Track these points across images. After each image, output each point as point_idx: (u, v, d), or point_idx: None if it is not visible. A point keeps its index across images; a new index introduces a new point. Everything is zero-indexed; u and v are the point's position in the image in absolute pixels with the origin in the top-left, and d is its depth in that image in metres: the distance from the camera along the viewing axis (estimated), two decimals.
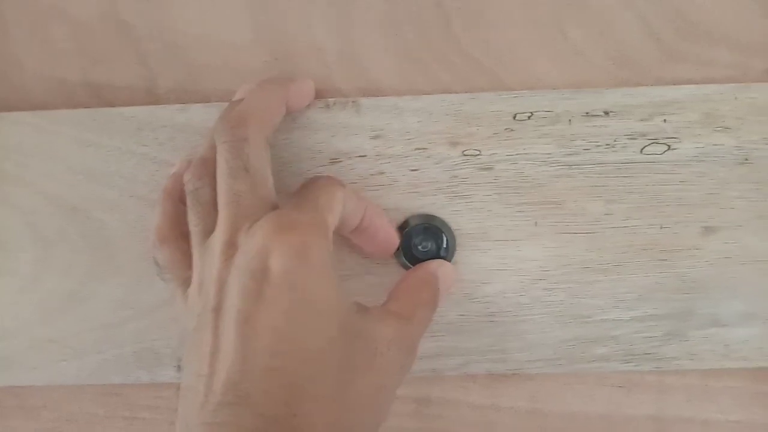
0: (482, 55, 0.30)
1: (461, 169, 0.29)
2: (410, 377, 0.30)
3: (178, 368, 0.24)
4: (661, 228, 0.29)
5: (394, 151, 0.29)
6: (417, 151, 0.29)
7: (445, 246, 0.29)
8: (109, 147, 0.30)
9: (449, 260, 0.29)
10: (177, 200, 0.28)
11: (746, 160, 0.29)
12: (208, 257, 0.24)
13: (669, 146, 0.29)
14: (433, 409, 0.31)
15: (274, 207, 0.25)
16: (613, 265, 0.29)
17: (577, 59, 0.30)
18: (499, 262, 0.30)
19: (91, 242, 0.30)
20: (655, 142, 0.29)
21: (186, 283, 0.26)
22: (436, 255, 0.29)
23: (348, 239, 0.29)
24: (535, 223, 0.29)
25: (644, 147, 0.29)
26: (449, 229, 0.29)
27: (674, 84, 0.29)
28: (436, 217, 0.29)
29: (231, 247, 0.24)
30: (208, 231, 0.25)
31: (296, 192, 0.26)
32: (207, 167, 0.26)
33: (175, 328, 0.30)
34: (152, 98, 0.31)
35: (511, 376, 0.31)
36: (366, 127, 0.29)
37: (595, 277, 0.29)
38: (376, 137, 0.29)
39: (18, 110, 0.31)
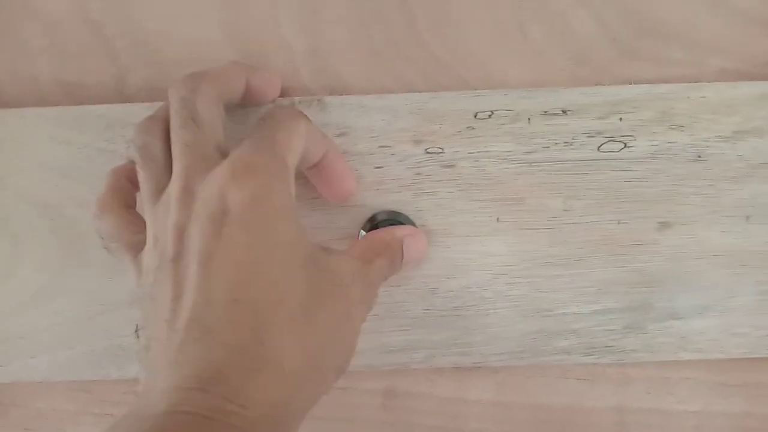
0: (445, 54, 0.32)
1: (425, 166, 0.31)
2: (377, 370, 0.33)
3: (137, 333, 0.25)
4: (619, 223, 0.31)
5: (359, 149, 0.31)
6: (381, 149, 0.31)
7: None
8: (80, 144, 0.32)
9: None
10: (123, 177, 0.29)
11: (699, 157, 0.31)
12: (161, 211, 0.25)
13: (625, 144, 0.31)
14: (400, 401, 0.33)
15: (227, 155, 0.25)
16: (573, 259, 0.32)
17: (537, 58, 0.32)
18: (463, 257, 0.32)
19: (61, 238, 0.32)
20: (612, 140, 0.31)
21: (135, 247, 0.27)
22: None
23: (305, 176, 0.30)
24: (498, 219, 0.32)
25: (601, 145, 0.31)
26: (414, 225, 0.32)
27: (632, 82, 0.32)
28: (401, 213, 0.32)
29: (187, 195, 0.24)
30: (160, 188, 0.26)
31: (255, 126, 0.26)
32: (155, 123, 0.27)
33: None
34: (122, 96, 0.33)
35: (476, 368, 0.33)
36: (331, 125, 0.31)
37: (555, 271, 0.32)
38: (341, 135, 0.31)
39: None
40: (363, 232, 0.31)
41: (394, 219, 0.31)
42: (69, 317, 0.32)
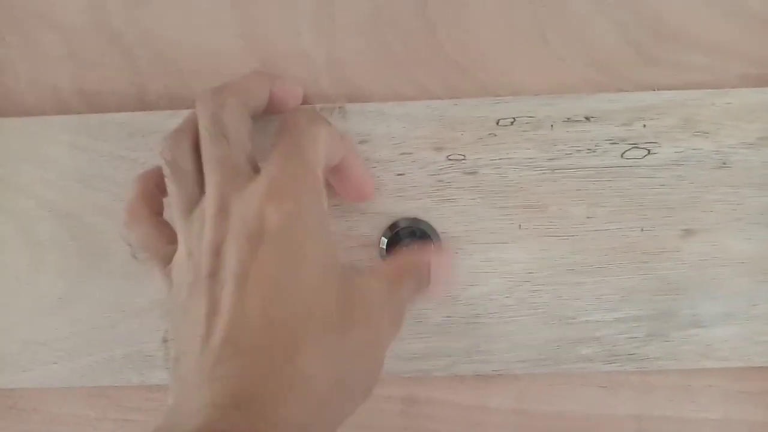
0: (464, 60, 0.32)
1: (446, 173, 0.31)
2: (397, 378, 0.33)
3: (164, 341, 0.25)
4: (642, 231, 0.31)
5: (380, 156, 0.31)
6: (403, 156, 0.31)
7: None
8: (101, 152, 0.32)
9: None
10: (151, 184, 0.28)
11: (724, 164, 0.31)
12: (196, 226, 0.25)
13: (649, 151, 0.31)
14: (420, 408, 0.34)
15: (257, 169, 0.26)
16: (596, 267, 0.32)
17: (557, 64, 0.32)
18: (485, 264, 0.32)
19: (82, 246, 0.32)
20: (635, 146, 0.31)
21: (165, 259, 0.27)
22: None
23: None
24: (519, 226, 0.32)
25: (625, 151, 0.31)
26: (435, 232, 0.31)
27: (652, 88, 0.31)
28: (422, 220, 0.32)
29: (223, 212, 0.25)
30: (192, 201, 0.26)
31: (278, 137, 0.26)
32: (184, 136, 0.27)
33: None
34: (143, 104, 0.33)
35: (497, 376, 0.33)
36: (352, 133, 0.31)
37: (578, 279, 0.32)
38: (362, 142, 0.31)
39: (10, 116, 0.33)
40: (384, 239, 0.32)
41: (416, 226, 0.31)
42: (89, 324, 0.33)
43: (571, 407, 0.33)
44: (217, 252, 0.24)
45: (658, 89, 0.31)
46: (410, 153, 0.31)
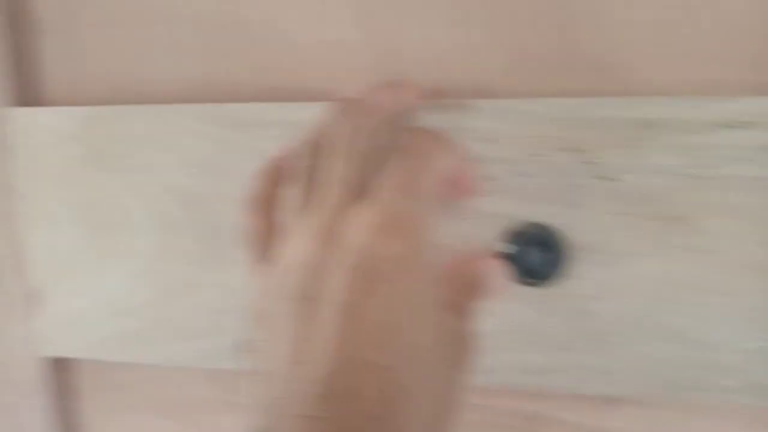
0: (605, 56, 0.30)
1: (579, 177, 0.30)
2: (518, 392, 0.32)
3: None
4: None
5: (507, 156, 0.30)
6: (532, 157, 0.30)
7: (559, 257, 0.30)
8: (229, 141, 0.33)
9: (562, 272, 0.30)
10: (273, 179, 0.28)
11: None
12: (299, 237, 0.25)
13: None
14: (538, 425, 0.32)
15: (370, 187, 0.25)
16: (744, 288, 0.29)
17: (709, 62, 0.29)
18: (614, 277, 0.30)
19: (207, 231, 0.34)
20: None
21: (266, 256, 0.27)
22: (549, 266, 0.30)
23: None
24: (658, 238, 0.29)
25: None
26: (563, 239, 0.30)
27: None
28: (548, 227, 0.30)
29: (327, 232, 0.24)
30: (303, 207, 0.26)
31: (396, 159, 0.25)
32: (314, 147, 0.26)
33: None
34: (262, 94, 0.34)
35: (622, 399, 0.31)
36: (480, 130, 0.30)
37: (722, 300, 0.29)
38: (490, 140, 0.30)
39: (144, 104, 0.35)
40: (508, 246, 0.30)
41: (542, 233, 0.30)
42: (212, 308, 0.34)
43: None
44: (316, 274, 0.24)
45: None
46: (540, 154, 0.30)
